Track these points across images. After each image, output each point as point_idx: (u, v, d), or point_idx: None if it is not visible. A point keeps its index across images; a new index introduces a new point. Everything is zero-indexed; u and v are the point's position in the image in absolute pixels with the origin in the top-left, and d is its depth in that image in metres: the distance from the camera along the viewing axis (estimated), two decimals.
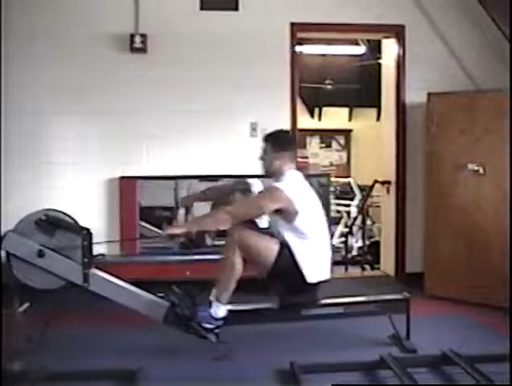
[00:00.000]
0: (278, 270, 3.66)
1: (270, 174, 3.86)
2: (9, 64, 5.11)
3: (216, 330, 3.66)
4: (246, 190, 5.21)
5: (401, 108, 5.66)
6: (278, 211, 3.66)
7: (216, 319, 3.63)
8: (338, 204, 8.66)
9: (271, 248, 3.66)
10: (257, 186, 5.30)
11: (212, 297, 3.66)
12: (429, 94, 5.25)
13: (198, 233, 3.75)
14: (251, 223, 3.78)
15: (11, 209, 4.65)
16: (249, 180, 5.35)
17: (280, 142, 3.84)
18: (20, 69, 5.17)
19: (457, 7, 5.53)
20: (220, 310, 3.64)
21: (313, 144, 10.99)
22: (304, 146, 10.66)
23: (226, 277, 3.64)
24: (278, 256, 3.65)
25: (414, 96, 5.52)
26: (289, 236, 3.69)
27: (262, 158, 3.89)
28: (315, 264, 3.75)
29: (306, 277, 3.69)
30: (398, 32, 5.61)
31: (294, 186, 3.70)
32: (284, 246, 3.67)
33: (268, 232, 3.77)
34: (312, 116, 10.69)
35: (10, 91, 5.14)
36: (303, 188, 3.79)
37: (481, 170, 4.96)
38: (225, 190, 4.31)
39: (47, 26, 5.22)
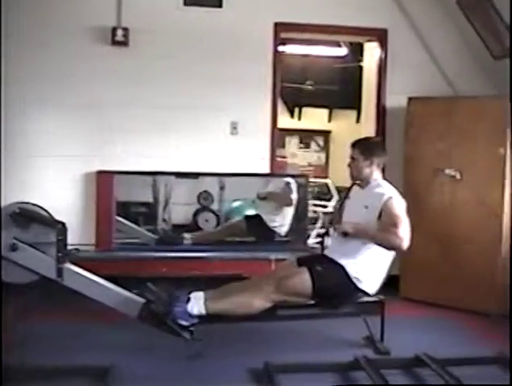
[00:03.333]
0: (323, 291, 3.73)
1: (359, 180, 3.99)
2: None
3: (191, 328, 3.63)
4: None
5: (381, 111, 5.68)
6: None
7: (192, 316, 3.60)
8: (315, 205, 8.67)
9: (303, 278, 3.71)
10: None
11: (193, 297, 3.64)
12: (410, 98, 5.27)
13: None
14: None
15: None
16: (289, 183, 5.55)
17: (370, 148, 3.96)
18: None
19: (440, 13, 5.55)
20: (197, 309, 3.60)
21: (292, 144, 11.01)
22: (283, 146, 10.66)
23: (235, 305, 3.66)
24: (313, 281, 3.69)
25: (395, 99, 5.54)
26: (375, 249, 3.77)
27: (349, 165, 3.98)
28: (380, 277, 3.90)
29: (363, 288, 3.81)
30: (380, 36, 5.63)
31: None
32: (315, 268, 3.73)
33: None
34: (292, 116, 10.72)
35: None
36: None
37: (458, 176, 5.00)
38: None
39: (28, 18, 5.13)
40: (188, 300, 3.62)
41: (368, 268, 3.79)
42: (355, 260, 3.77)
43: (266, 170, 5.57)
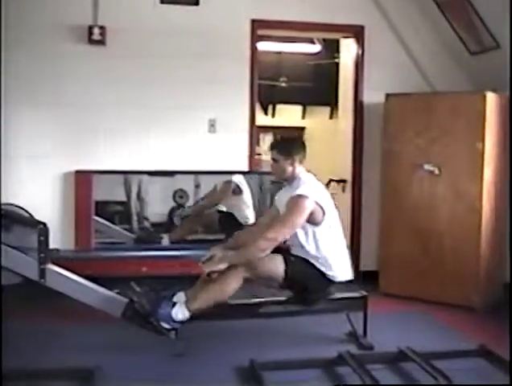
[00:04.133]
0: (293, 279, 3.74)
1: (284, 179, 3.97)
2: None
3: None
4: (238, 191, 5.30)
5: (358, 107, 5.71)
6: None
7: (175, 321, 3.59)
8: None
9: (277, 264, 3.70)
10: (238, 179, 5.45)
11: (177, 299, 3.63)
12: (387, 95, 5.31)
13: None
14: None
15: None
16: (235, 179, 5.50)
17: (288, 147, 3.94)
18: None
19: (416, 10, 5.60)
20: (181, 314, 3.59)
21: (266, 141, 10.98)
22: (258, 143, 10.64)
23: (212, 293, 3.62)
24: (286, 269, 3.70)
25: (372, 95, 5.57)
26: (317, 238, 3.77)
27: (272, 166, 3.98)
28: (343, 264, 3.90)
29: (332, 278, 3.82)
30: (357, 32, 5.66)
31: (314, 188, 3.79)
32: (289, 256, 3.75)
33: None
34: (266, 113, 10.69)
35: None
36: (320, 187, 3.89)
37: (437, 171, 5.05)
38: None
39: (2, 16, 5.04)
40: (174, 304, 3.60)
41: (329, 255, 3.81)
42: (315, 252, 3.79)
43: (245, 167, 5.56)
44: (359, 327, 4.10)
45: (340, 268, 3.87)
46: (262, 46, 8.20)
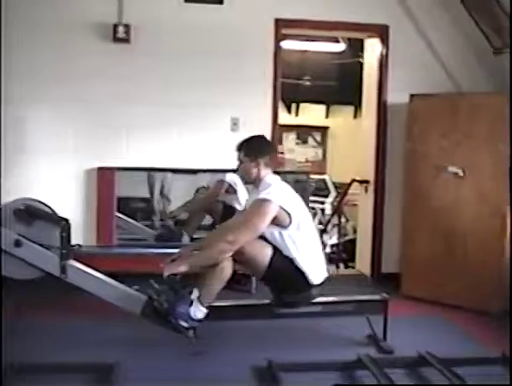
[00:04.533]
0: (274, 274, 3.66)
1: (249, 181, 3.89)
2: None
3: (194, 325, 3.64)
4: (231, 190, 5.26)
5: (382, 107, 5.66)
6: (272, 220, 3.63)
7: (193, 320, 3.59)
8: (313, 201, 8.65)
9: (265, 253, 3.63)
10: (231, 178, 5.35)
11: (193, 297, 3.61)
12: (412, 95, 5.27)
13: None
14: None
15: None
16: (227, 178, 5.40)
17: (254, 148, 3.82)
18: None
19: (441, 9, 5.54)
20: (199, 312, 3.59)
21: (289, 140, 10.99)
22: (280, 142, 10.64)
23: (213, 280, 3.58)
24: (271, 260, 3.63)
25: (396, 96, 5.53)
26: (288, 241, 3.67)
27: (238, 167, 3.88)
28: (317, 265, 3.79)
29: (310, 279, 3.72)
30: (382, 32, 5.62)
31: (279, 191, 3.69)
32: (278, 251, 3.66)
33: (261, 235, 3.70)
34: (289, 111, 10.69)
35: None
36: (286, 189, 3.79)
37: (461, 173, 4.99)
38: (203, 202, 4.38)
39: (29, 14, 5.09)
40: (191, 303, 3.59)
41: (304, 257, 3.71)
42: (292, 254, 3.70)
43: None
44: (379, 330, 4.07)
45: (315, 270, 3.76)
46: (286, 44, 8.23)
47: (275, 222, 3.62)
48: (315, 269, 3.76)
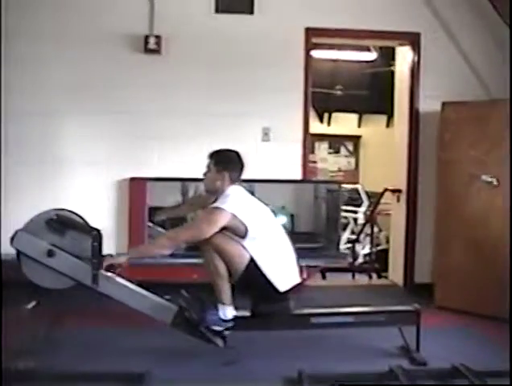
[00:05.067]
0: (246, 280, 3.68)
1: (211, 191, 3.89)
2: (20, 64, 5.14)
3: (225, 333, 3.67)
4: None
5: (414, 116, 5.63)
6: (226, 229, 3.64)
7: (226, 321, 3.65)
8: (345, 210, 8.59)
9: (243, 256, 3.66)
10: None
11: (217, 302, 3.67)
12: (443, 103, 5.21)
13: None
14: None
15: (22, 208, 4.61)
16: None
17: (223, 161, 3.85)
18: (33, 69, 5.18)
19: (473, 15, 5.51)
20: (227, 311, 3.65)
21: (322, 149, 10.94)
22: (313, 151, 10.61)
23: (216, 280, 3.66)
24: (247, 266, 3.65)
25: (428, 104, 5.49)
26: (251, 250, 3.67)
27: (204, 175, 3.89)
28: (283, 272, 3.77)
29: (277, 287, 3.71)
30: (413, 40, 5.59)
31: (235, 201, 3.69)
32: (251, 258, 3.68)
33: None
34: (322, 121, 10.65)
35: (18, 90, 5.14)
36: (246, 200, 3.80)
37: (495, 182, 4.91)
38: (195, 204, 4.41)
39: (60, 26, 5.22)
40: (217, 307, 3.65)
41: (269, 265, 3.70)
42: (259, 261, 3.69)
43: (298, 175, 5.54)
44: (412, 341, 4.01)
45: (279, 276, 3.73)
46: (317, 54, 8.23)
47: (230, 231, 3.65)
48: (280, 276, 3.73)
